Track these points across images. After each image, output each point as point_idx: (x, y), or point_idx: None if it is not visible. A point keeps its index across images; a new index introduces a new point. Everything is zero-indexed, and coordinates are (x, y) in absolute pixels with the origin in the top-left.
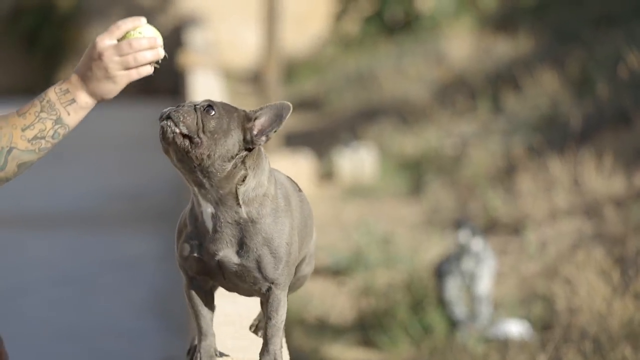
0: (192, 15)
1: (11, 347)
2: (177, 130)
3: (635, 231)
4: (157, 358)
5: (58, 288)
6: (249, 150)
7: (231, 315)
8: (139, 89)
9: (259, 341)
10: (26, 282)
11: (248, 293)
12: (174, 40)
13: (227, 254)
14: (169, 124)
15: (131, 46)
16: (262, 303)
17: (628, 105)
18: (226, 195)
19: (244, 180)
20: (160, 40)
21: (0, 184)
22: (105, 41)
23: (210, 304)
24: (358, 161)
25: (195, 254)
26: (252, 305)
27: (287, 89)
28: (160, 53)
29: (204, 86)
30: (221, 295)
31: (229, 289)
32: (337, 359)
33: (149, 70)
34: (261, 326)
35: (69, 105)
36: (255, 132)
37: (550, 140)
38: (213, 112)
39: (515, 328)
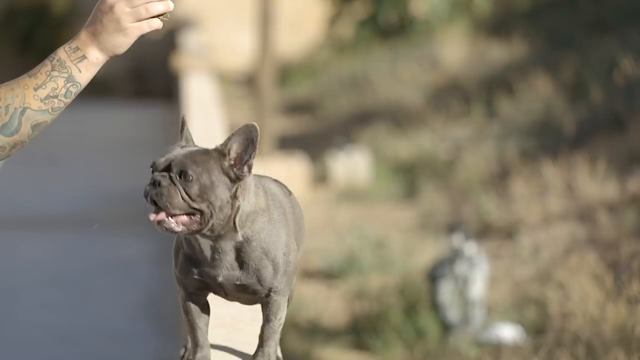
0: (186, 19)
1: (3, 349)
2: (173, 229)
3: (628, 236)
4: None
5: (51, 290)
6: (236, 180)
7: (223, 318)
8: (134, 92)
9: (252, 344)
10: (19, 284)
11: (250, 302)
12: (168, 43)
13: (228, 275)
14: (158, 222)
15: None
16: (262, 306)
17: (621, 110)
18: (225, 231)
19: (237, 210)
20: None
21: (16, 149)
22: None
23: (206, 316)
24: (352, 165)
25: (195, 276)
26: (244, 308)
27: (281, 92)
28: (170, 5)
29: (198, 89)
30: (213, 297)
31: (230, 300)
32: None
33: (158, 23)
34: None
35: (79, 62)
36: (234, 165)
37: (544, 145)
38: (190, 175)
39: (508, 332)
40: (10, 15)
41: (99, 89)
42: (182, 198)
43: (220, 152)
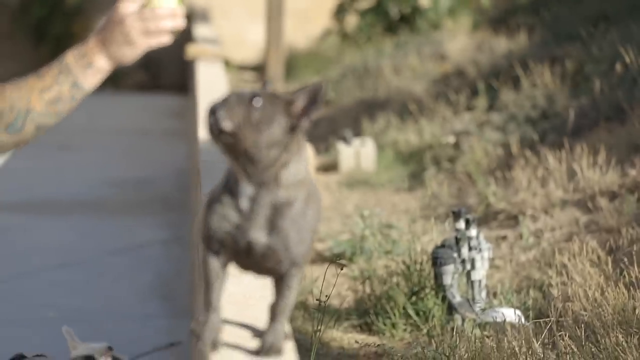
0: (197, 9)
1: (17, 328)
2: (222, 128)
3: (628, 223)
4: (163, 342)
5: (64, 273)
6: (293, 135)
7: (235, 295)
8: (145, 81)
9: (262, 320)
10: (32, 266)
11: (264, 273)
12: (180, 33)
13: (258, 235)
14: (213, 121)
15: (154, 13)
16: (276, 281)
17: (623, 102)
18: (269, 179)
19: (286, 165)
20: (181, 11)
21: (18, 147)
22: (128, 6)
23: (223, 279)
24: (358, 154)
25: (225, 230)
26: (256, 286)
27: (290, 82)
28: (181, 23)
29: (209, 78)
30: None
31: (246, 268)
32: (337, 341)
33: (167, 39)
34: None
35: (86, 69)
36: (297, 115)
37: (546, 135)
38: (258, 103)
39: (510, 315)
40: (25, 5)
41: (111, 79)
42: (242, 116)
43: (288, 100)
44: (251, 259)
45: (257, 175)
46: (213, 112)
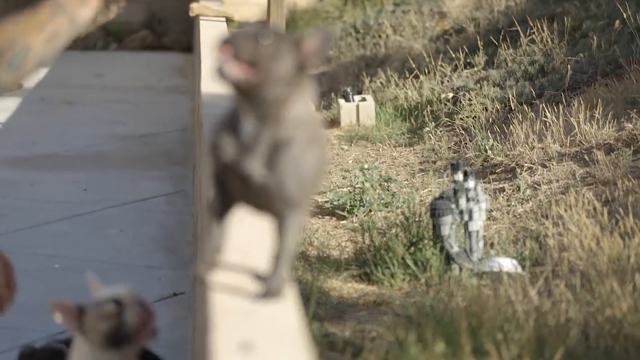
0: None
1: (23, 278)
2: (230, 71)
3: (624, 175)
4: (166, 292)
5: (69, 225)
6: (300, 74)
7: (237, 241)
8: (151, 40)
9: (263, 267)
10: (38, 218)
11: (262, 209)
12: None
13: (256, 169)
14: (221, 60)
15: None
16: (276, 224)
17: (620, 57)
18: (271, 115)
19: (290, 103)
20: None
21: (20, 82)
22: None
23: (229, 214)
24: (358, 109)
25: (226, 156)
26: (258, 232)
27: None
28: None
29: (211, 37)
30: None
31: (247, 202)
32: (337, 291)
33: None
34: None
35: (80, 7)
36: (305, 54)
37: (544, 91)
38: (265, 38)
39: (507, 264)
40: None
41: (116, 38)
42: (250, 51)
43: (297, 39)
44: (249, 192)
45: (259, 111)
46: (221, 46)
